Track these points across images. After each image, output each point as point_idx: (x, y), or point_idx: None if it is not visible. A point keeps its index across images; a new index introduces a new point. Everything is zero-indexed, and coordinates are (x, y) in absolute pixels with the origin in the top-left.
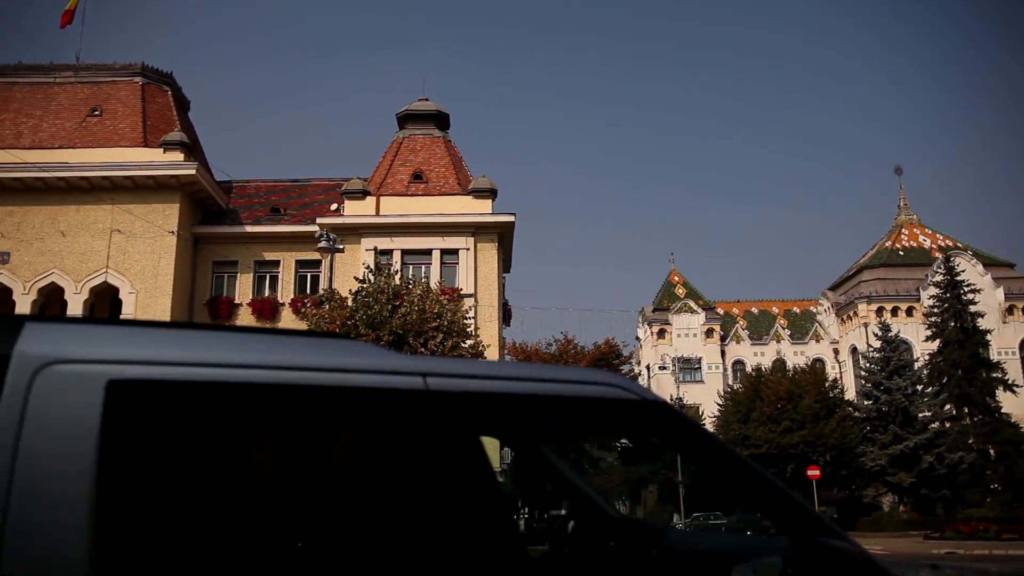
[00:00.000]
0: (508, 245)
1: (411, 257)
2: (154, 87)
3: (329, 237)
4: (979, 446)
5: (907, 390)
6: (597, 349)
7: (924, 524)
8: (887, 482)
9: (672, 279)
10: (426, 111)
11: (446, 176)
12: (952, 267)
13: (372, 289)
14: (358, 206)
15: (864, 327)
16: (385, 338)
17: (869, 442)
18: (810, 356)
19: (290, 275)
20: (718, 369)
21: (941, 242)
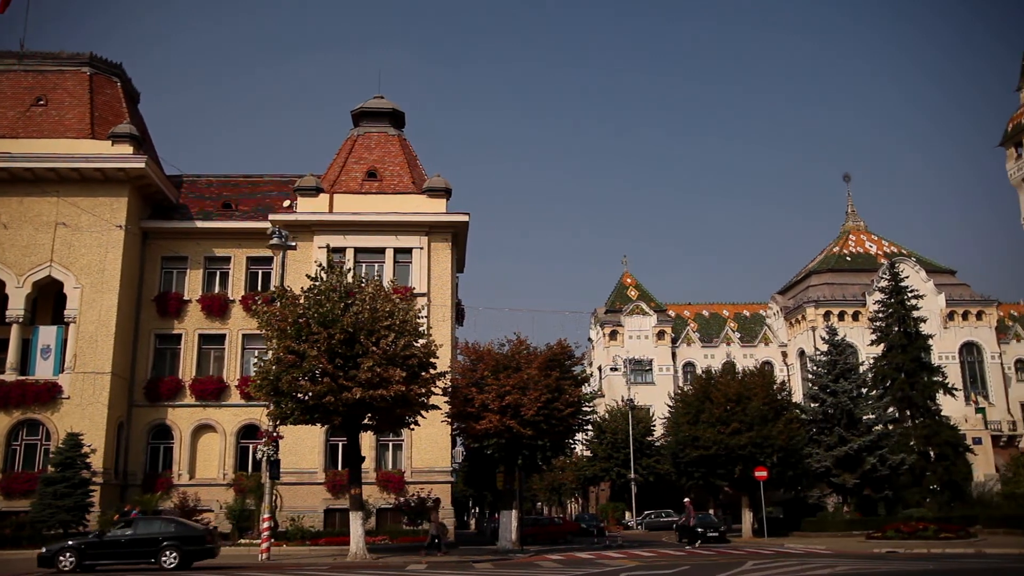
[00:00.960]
0: (462, 245)
1: (364, 255)
2: (103, 78)
3: (281, 234)
4: (920, 448)
5: (852, 393)
6: (549, 350)
7: (866, 524)
8: (832, 483)
9: (625, 281)
10: (381, 109)
11: (400, 174)
12: (897, 273)
13: (324, 287)
14: (311, 203)
15: (812, 331)
16: (337, 336)
17: (815, 444)
18: (759, 359)
19: (241, 272)
20: (669, 371)
21: (886, 248)
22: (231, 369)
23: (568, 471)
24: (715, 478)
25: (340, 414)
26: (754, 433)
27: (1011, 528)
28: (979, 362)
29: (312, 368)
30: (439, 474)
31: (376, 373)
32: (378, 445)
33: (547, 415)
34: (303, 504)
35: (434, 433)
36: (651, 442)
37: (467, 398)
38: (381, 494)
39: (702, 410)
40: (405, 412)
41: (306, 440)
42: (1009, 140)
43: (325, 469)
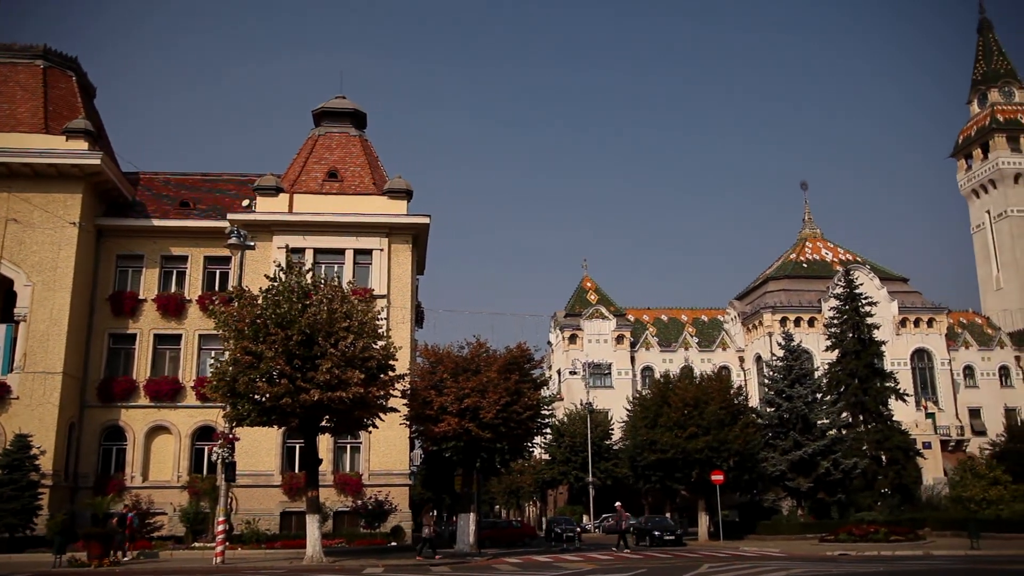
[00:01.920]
0: (422, 247)
1: (324, 256)
2: (57, 72)
3: (240, 233)
4: (872, 452)
5: (807, 398)
6: (509, 353)
7: (820, 527)
8: (786, 486)
9: (585, 285)
10: (343, 109)
11: (361, 175)
12: (851, 280)
13: (282, 287)
14: (271, 203)
15: (768, 336)
16: (295, 337)
17: (771, 448)
18: (717, 363)
19: (198, 271)
20: (627, 375)
21: (842, 256)
22: (187, 370)
23: (526, 474)
24: (672, 481)
25: (297, 416)
26: (711, 437)
27: (957, 531)
28: (929, 368)
29: (269, 369)
30: (397, 477)
31: (334, 375)
32: (336, 447)
33: (506, 418)
34: (259, 507)
35: (392, 436)
36: (609, 446)
37: (426, 401)
38: (339, 497)
39: (660, 414)
40: (363, 414)
41: (263, 442)
42: (959, 152)
43: (282, 471)
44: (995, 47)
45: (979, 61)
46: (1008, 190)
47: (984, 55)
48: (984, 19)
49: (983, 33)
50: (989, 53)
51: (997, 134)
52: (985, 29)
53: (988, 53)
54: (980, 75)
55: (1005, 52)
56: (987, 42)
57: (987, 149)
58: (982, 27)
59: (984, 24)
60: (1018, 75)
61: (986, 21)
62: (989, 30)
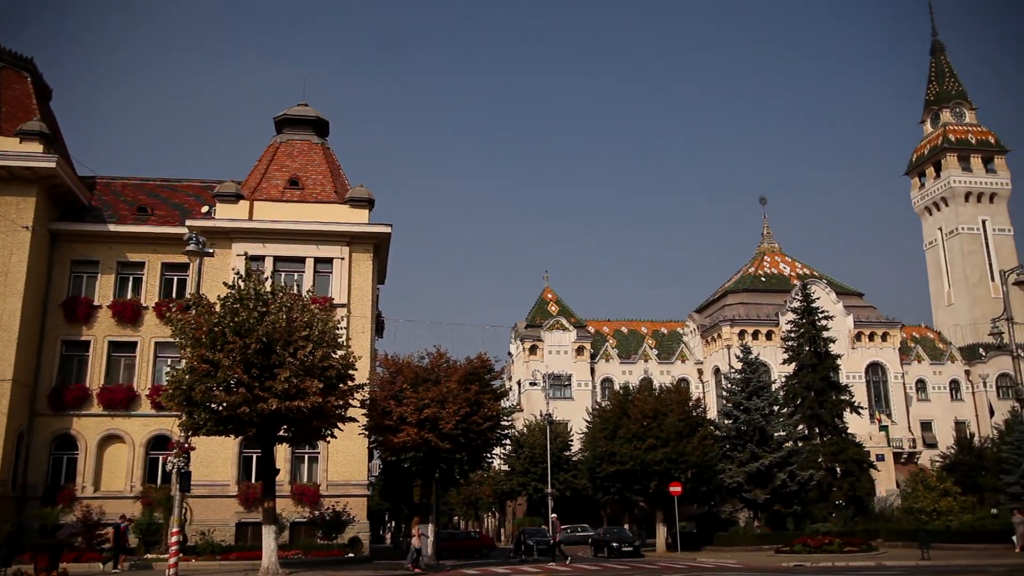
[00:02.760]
0: (383, 256)
1: (284, 264)
2: (11, 72)
3: (198, 240)
4: (827, 464)
5: (764, 410)
6: (469, 363)
7: (776, 538)
8: (743, 498)
9: (545, 296)
10: (305, 116)
11: (323, 183)
12: (808, 295)
13: (241, 295)
14: (230, 210)
15: (727, 349)
16: (253, 345)
17: (728, 460)
18: (676, 376)
19: (155, 278)
20: (587, 386)
21: (799, 270)
22: (142, 378)
23: (485, 485)
24: (631, 493)
25: (255, 425)
26: (669, 449)
27: (909, 541)
28: (883, 382)
29: (227, 378)
30: (355, 487)
31: (293, 384)
32: (293, 457)
33: (465, 429)
34: (214, 517)
35: (351, 446)
36: (568, 457)
37: (385, 411)
38: (296, 507)
39: (619, 426)
40: (322, 424)
41: (219, 452)
42: (913, 170)
43: (238, 481)
44: (947, 69)
45: (932, 82)
46: (959, 208)
47: (937, 76)
48: (936, 41)
49: (936, 55)
50: (941, 75)
51: (949, 153)
52: (938, 51)
53: (940, 75)
54: (933, 96)
55: (956, 74)
56: (939, 64)
57: (939, 168)
58: (935, 49)
59: (936, 46)
60: (969, 97)
61: (939, 43)
62: (941, 52)
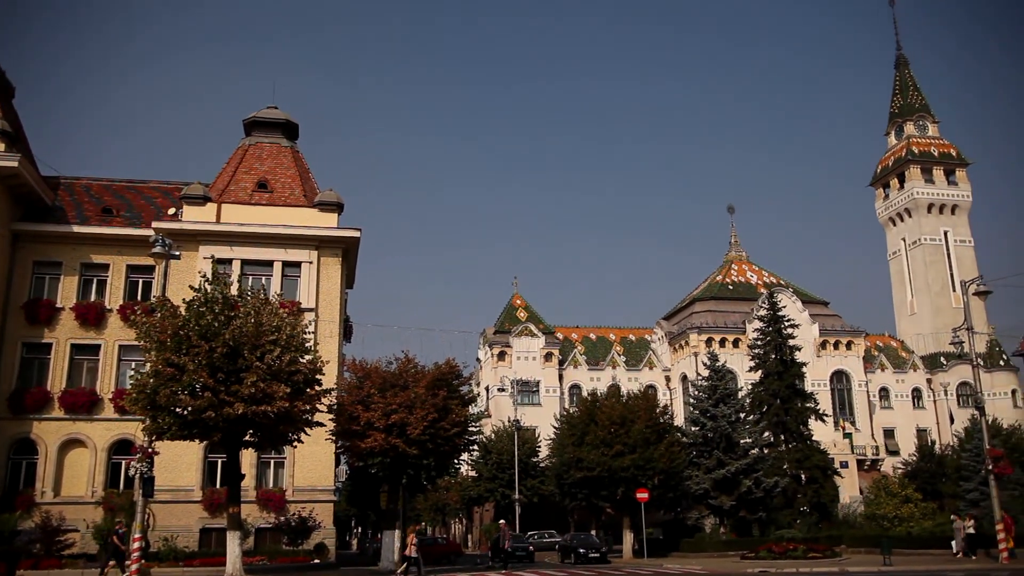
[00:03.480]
0: (352, 260)
1: (252, 268)
2: None
3: (165, 242)
4: (792, 471)
5: (731, 417)
6: (437, 369)
7: (741, 544)
8: (709, 504)
9: (514, 302)
10: (274, 119)
11: (292, 187)
12: (775, 303)
13: (207, 299)
14: (198, 212)
15: (694, 356)
16: (219, 349)
17: (695, 466)
18: (644, 382)
19: (120, 280)
20: (555, 392)
21: (766, 279)
22: (105, 381)
23: (453, 491)
24: (598, 499)
25: (220, 430)
26: (637, 455)
27: (871, 547)
28: (848, 389)
29: (192, 382)
30: (322, 493)
31: (259, 388)
32: (259, 462)
33: (433, 434)
34: (178, 523)
35: (318, 451)
36: (536, 463)
37: (352, 416)
38: (261, 513)
39: (587, 432)
40: (288, 429)
41: (183, 456)
42: (878, 181)
43: (203, 487)
44: (911, 82)
45: (896, 95)
46: (922, 219)
47: (901, 89)
48: (901, 55)
49: (900, 69)
50: (906, 88)
51: (913, 165)
52: (902, 65)
53: (905, 88)
54: (897, 108)
55: (920, 87)
56: (904, 77)
57: (903, 179)
58: (899, 63)
59: (901, 60)
60: (932, 110)
61: (903, 57)
62: (906, 66)
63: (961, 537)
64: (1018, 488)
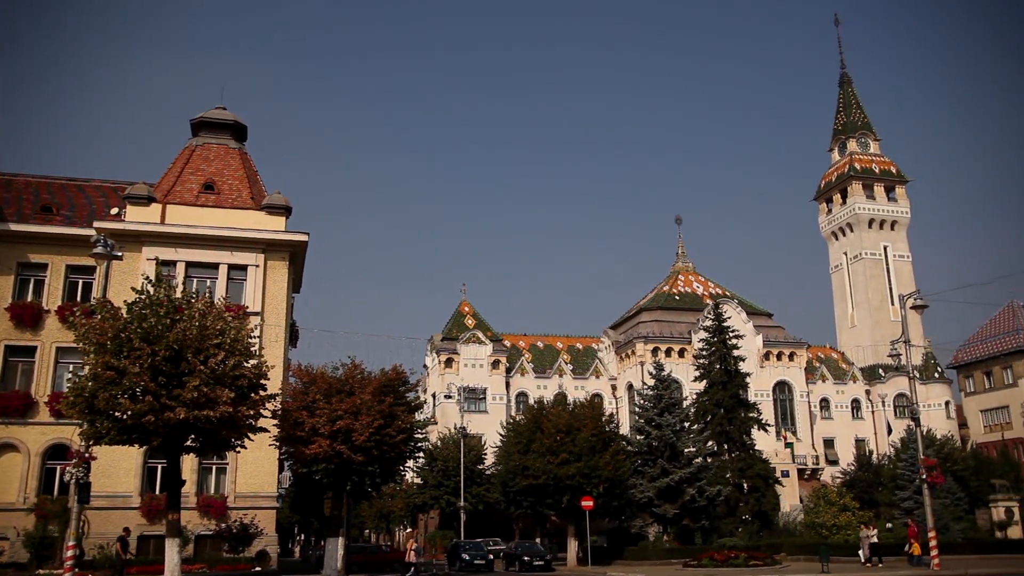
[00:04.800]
0: (300, 265)
1: (196, 270)
2: None
3: (106, 243)
4: (735, 480)
5: (676, 427)
6: (384, 375)
7: (684, 552)
8: (653, 513)
9: (463, 309)
10: (223, 120)
11: (239, 189)
12: (720, 314)
13: (150, 301)
14: (142, 212)
15: (640, 365)
16: (161, 353)
17: (639, 475)
18: (590, 391)
19: (59, 280)
20: (502, 400)
21: (712, 290)
22: (41, 384)
23: (398, 498)
24: (543, 507)
25: (161, 435)
26: (582, 464)
27: (810, 555)
28: (790, 400)
29: (133, 386)
30: (265, 499)
31: (202, 393)
32: (201, 468)
33: (379, 441)
34: (114, 530)
35: (261, 457)
36: (482, 471)
37: (297, 422)
38: (201, 520)
39: (533, 440)
40: (231, 434)
41: (122, 462)
42: (821, 196)
43: (141, 493)
44: (854, 101)
45: (840, 112)
46: (863, 234)
47: (844, 107)
48: (845, 74)
49: (844, 87)
50: (849, 105)
51: (855, 181)
52: (846, 83)
53: (848, 105)
54: (841, 125)
55: (863, 106)
56: (847, 95)
57: (846, 195)
58: (843, 81)
59: (845, 79)
60: (873, 128)
61: (846, 76)
62: (849, 85)
63: (866, 546)
64: (949, 497)
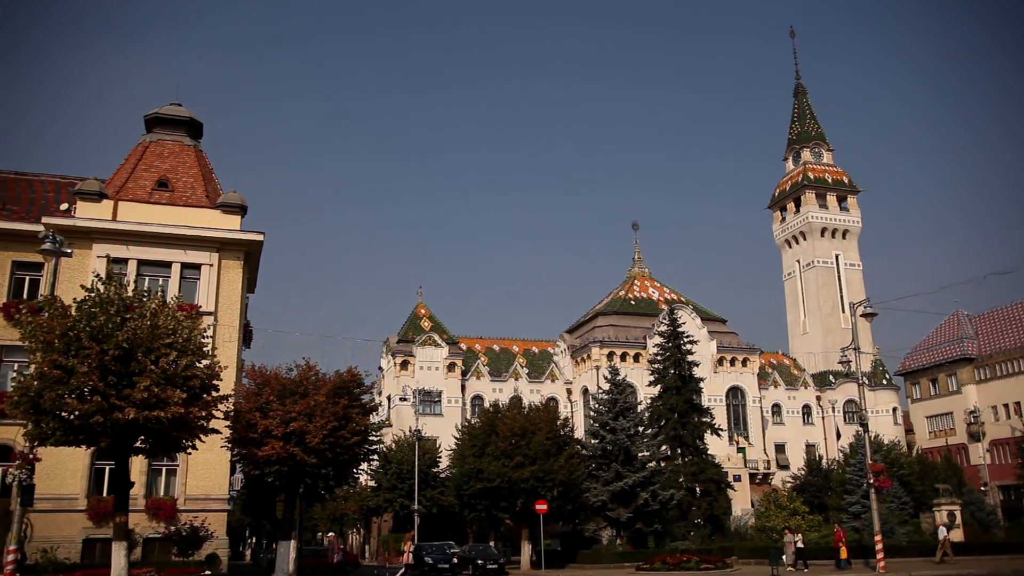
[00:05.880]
0: (255, 264)
1: (148, 268)
2: None
3: (55, 239)
4: (688, 484)
5: (630, 431)
6: (338, 377)
7: (637, 556)
8: (607, 516)
9: (419, 312)
10: (178, 116)
11: (194, 186)
12: (675, 319)
13: (100, 299)
14: (93, 209)
15: (596, 370)
16: (111, 352)
17: (593, 479)
18: (545, 395)
19: (4, 277)
20: (458, 403)
21: (667, 295)
22: None
23: (351, 501)
24: (497, 510)
25: (109, 435)
26: (537, 467)
27: (761, 558)
28: (742, 405)
29: (81, 385)
30: (215, 502)
31: (153, 393)
32: (150, 470)
33: (333, 443)
34: (59, 534)
35: (212, 458)
36: (437, 473)
37: (250, 423)
38: (150, 522)
39: (488, 443)
40: (182, 435)
41: (68, 463)
42: (775, 204)
43: (88, 495)
44: (808, 111)
45: (795, 122)
46: (816, 242)
47: (799, 117)
48: (800, 84)
49: (798, 97)
50: (803, 116)
51: (808, 190)
52: (800, 94)
53: (802, 115)
54: (795, 135)
55: (816, 116)
56: (802, 106)
57: (799, 204)
58: (798, 92)
59: (799, 89)
60: (827, 138)
61: (801, 87)
62: (804, 95)
63: (791, 551)
64: (896, 501)
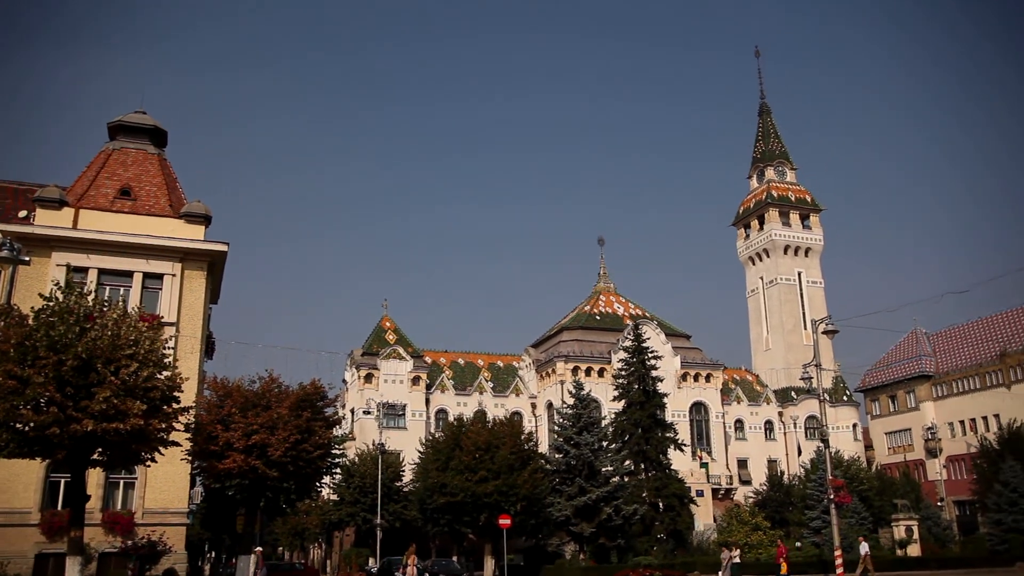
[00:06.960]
0: (218, 275)
1: (110, 278)
2: None
3: (12, 246)
4: (651, 499)
5: (594, 446)
6: (302, 389)
7: (600, 571)
8: (571, 531)
9: (384, 325)
10: (142, 124)
11: (157, 195)
12: (640, 335)
13: (59, 308)
14: (52, 216)
15: (561, 384)
16: (69, 362)
17: (557, 493)
18: (510, 409)
19: None
20: (422, 417)
21: (632, 311)
22: None
23: (313, 515)
24: (461, 525)
25: (66, 447)
26: (500, 481)
27: None
28: (705, 420)
29: (36, 396)
30: (174, 515)
31: (112, 404)
32: (107, 483)
33: (295, 456)
34: (10, 549)
35: (172, 471)
36: (400, 487)
37: (211, 435)
38: (106, 537)
39: (452, 457)
40: (141, 448)
41: (21, 476)
42: (739, 221)
43: (42, 509)
44: (772, 130)
45: (759, 141)
46: (779, 260)
47: (763, 136)
48: (764, 104)
49: (763, 116)
50: (767, 134)
51: (772, 208)
52: (765, 113)
53: (767, 134)
54: (759, 153)
55: (780, 135)
56: (766, 124)
57: (763, 221)
58: (762, 111)
59: (764, 108)
60: (790, 157)
61: (766, 106)
62: (768, 114)
63: (725, 566)
64: (855, 516)
